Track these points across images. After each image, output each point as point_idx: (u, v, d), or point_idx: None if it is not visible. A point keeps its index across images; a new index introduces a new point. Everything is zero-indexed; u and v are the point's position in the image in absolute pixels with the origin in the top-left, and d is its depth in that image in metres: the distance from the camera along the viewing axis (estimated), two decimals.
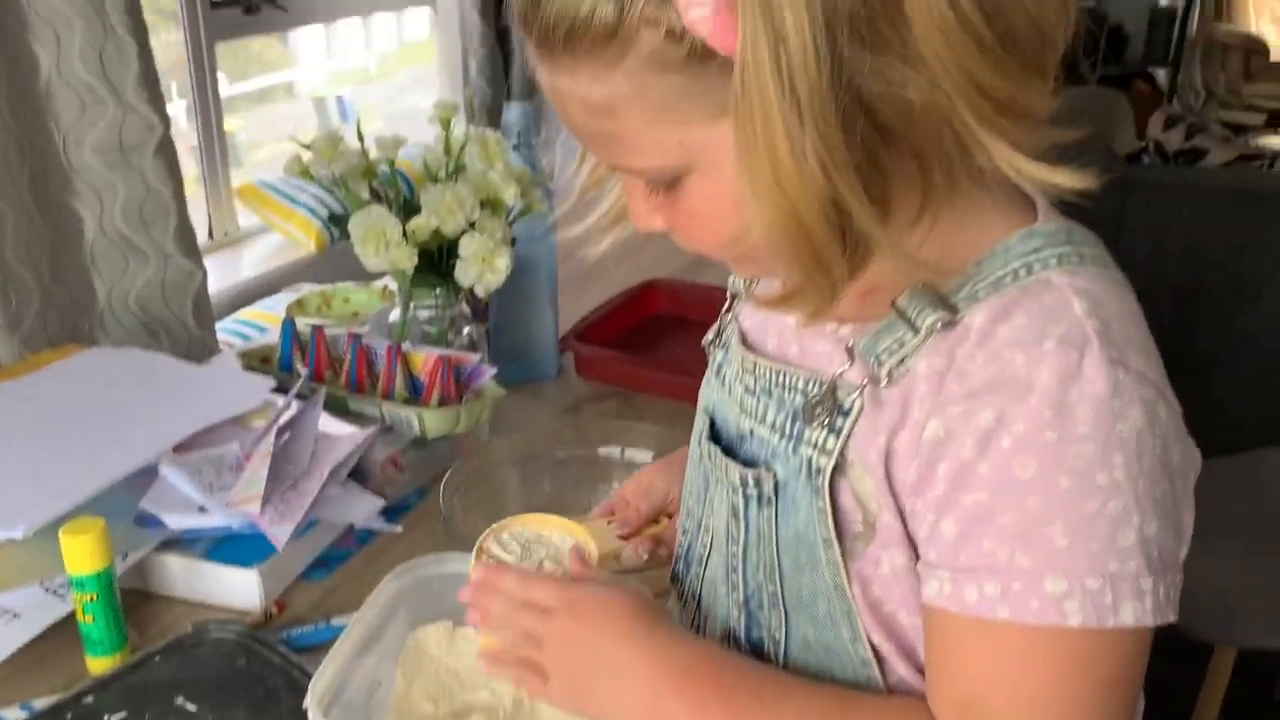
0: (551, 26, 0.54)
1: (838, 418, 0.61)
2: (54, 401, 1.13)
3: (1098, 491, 0.53)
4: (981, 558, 0.55)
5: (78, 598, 0.87)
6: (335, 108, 3.42)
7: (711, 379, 0.75)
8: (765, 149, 0.51)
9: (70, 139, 1.41)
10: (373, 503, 1.07)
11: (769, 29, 0.49)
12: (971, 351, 0.56)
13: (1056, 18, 0.53)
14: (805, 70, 0.49)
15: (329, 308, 1.54)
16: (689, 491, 0.76)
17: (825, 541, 0.61)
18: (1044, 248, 0.58)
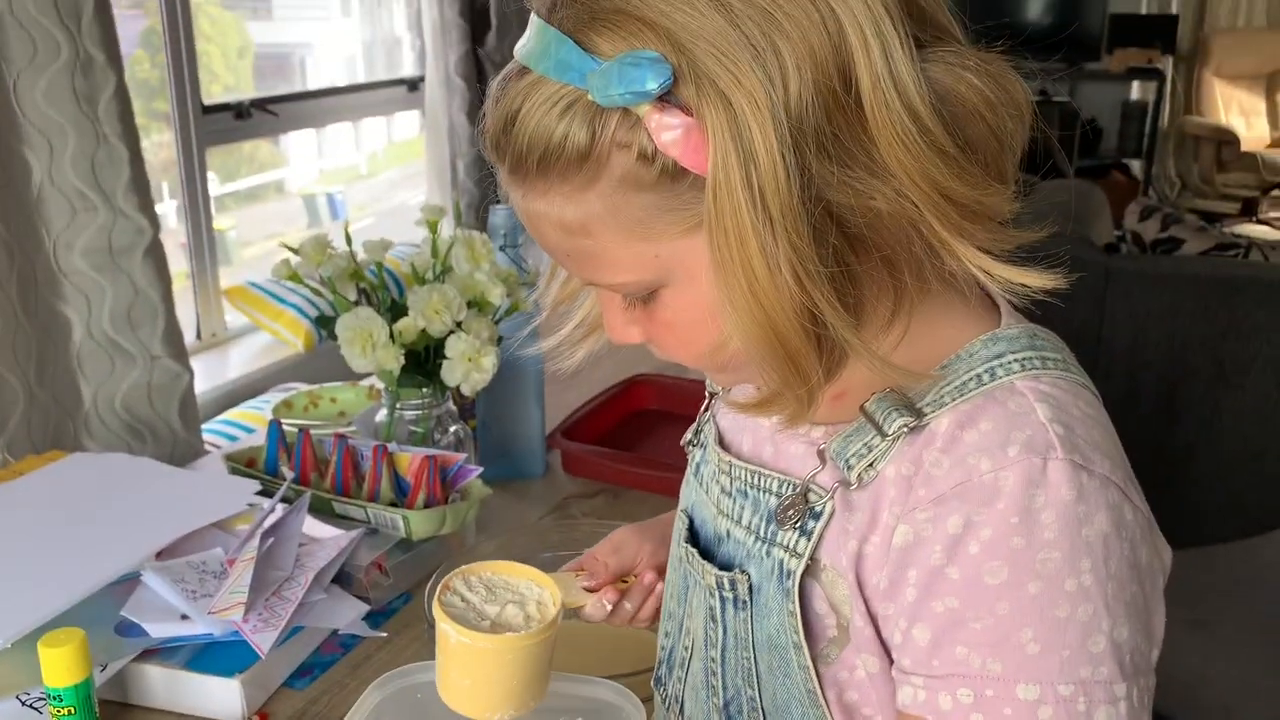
0: (524, 153, 0.55)
1: (809, 520, 0.61)
2: (36, 508, 1.12)
3: (1066, 598, 0.53)
4: (954, 664, 0.55)
5: (54, 711, 0.85)
6: (325, 205, 3.46)
7: (690, 479, 0.75)
8: (740, 264, 0.53)
9: (60, 243, 1.42)
10: (357, 607, 1.05)
11: (738, 149, 0.51)
12: (937, 457, 0.57)
13: (1013, 125, 0.55)
14: (775, 187, 0.51)
15: (315, 407, 1.54)
16: (670, 594, 0.76)
17: (795, 646, 0.62)
18: (1006, 353, 0.59)
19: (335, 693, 0.98)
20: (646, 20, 0.52)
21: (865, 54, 0.52)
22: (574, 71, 0.53)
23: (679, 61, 0.51)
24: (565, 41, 0.53)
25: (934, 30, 0.55)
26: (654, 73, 0.51)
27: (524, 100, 0.55)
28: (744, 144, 0.51)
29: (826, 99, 0.52)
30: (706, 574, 0.67)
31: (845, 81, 0.52)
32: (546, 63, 0.54)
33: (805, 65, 0.51)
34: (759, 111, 0.51)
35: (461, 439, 1.24)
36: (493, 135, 0.57)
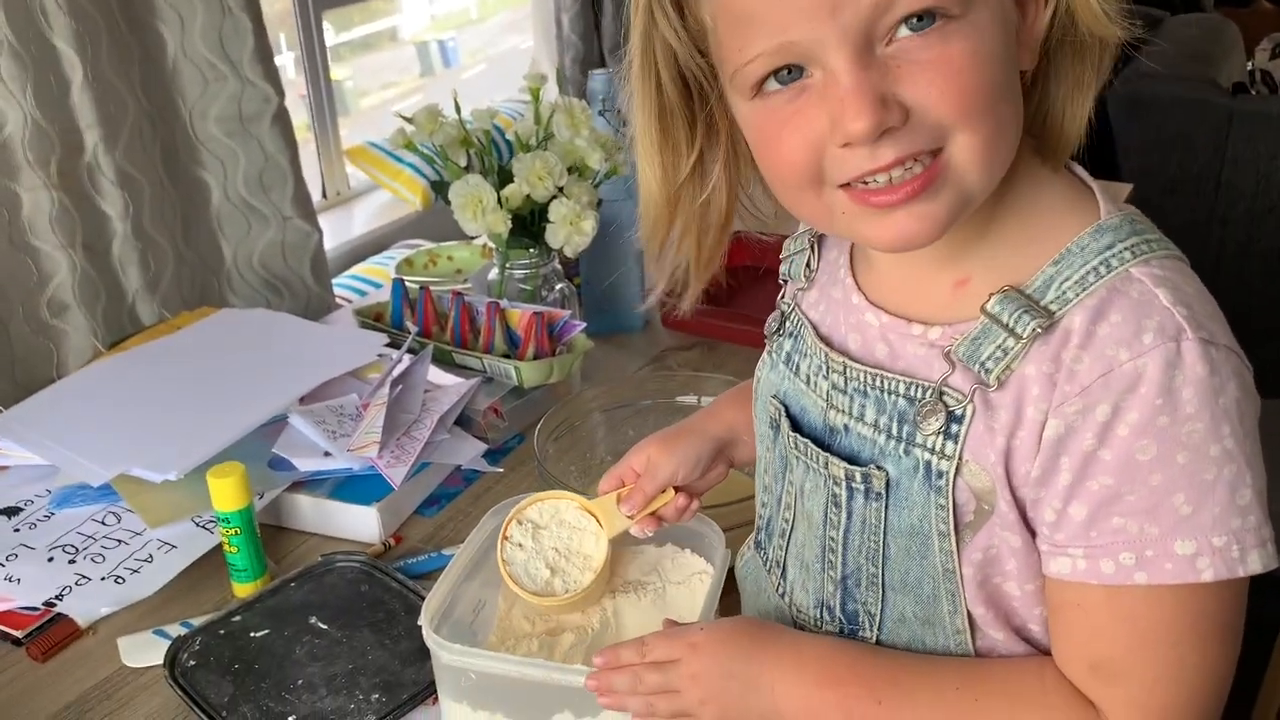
0: None
1: (951, 423, 0.63)
2: (193, 359, 1.26)
3: (1212, 462, 0.57)
4: (1113, 534, 0.59)
5: (223, 532, 0.99)
6: (438, 52, 3.50)
7: (779, 366, 0.76)
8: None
9: (195, 112, 1.53)
10: (477, 446, 1.17)
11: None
12: (1077, 353, 0.59)
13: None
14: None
15: (434, 265, 1.65)
16: (764, 469, 0.78)
17: (942, 534, 0.64)
18: (1115, 243, 0.61)
19: (459, 520, 1.11)
20: None
21: None
22: None
23: None
24: None
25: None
26: None
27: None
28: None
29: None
30: (832, 465, 0.68)
31: None
32: None
33: None
34: None
35: (566, 296, 1.33)
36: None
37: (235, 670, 0.91)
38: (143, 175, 1.44)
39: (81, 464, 1.08)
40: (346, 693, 0.89)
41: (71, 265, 1.37)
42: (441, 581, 0.79)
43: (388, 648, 0.93)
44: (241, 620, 0.96)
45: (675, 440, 0.84)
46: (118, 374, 1.24)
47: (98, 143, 1.37)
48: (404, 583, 0.99)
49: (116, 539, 1.06)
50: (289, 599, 0.98)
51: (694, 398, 1.13)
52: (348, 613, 0.97)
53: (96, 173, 1.38)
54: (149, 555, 1.04)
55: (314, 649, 0.93)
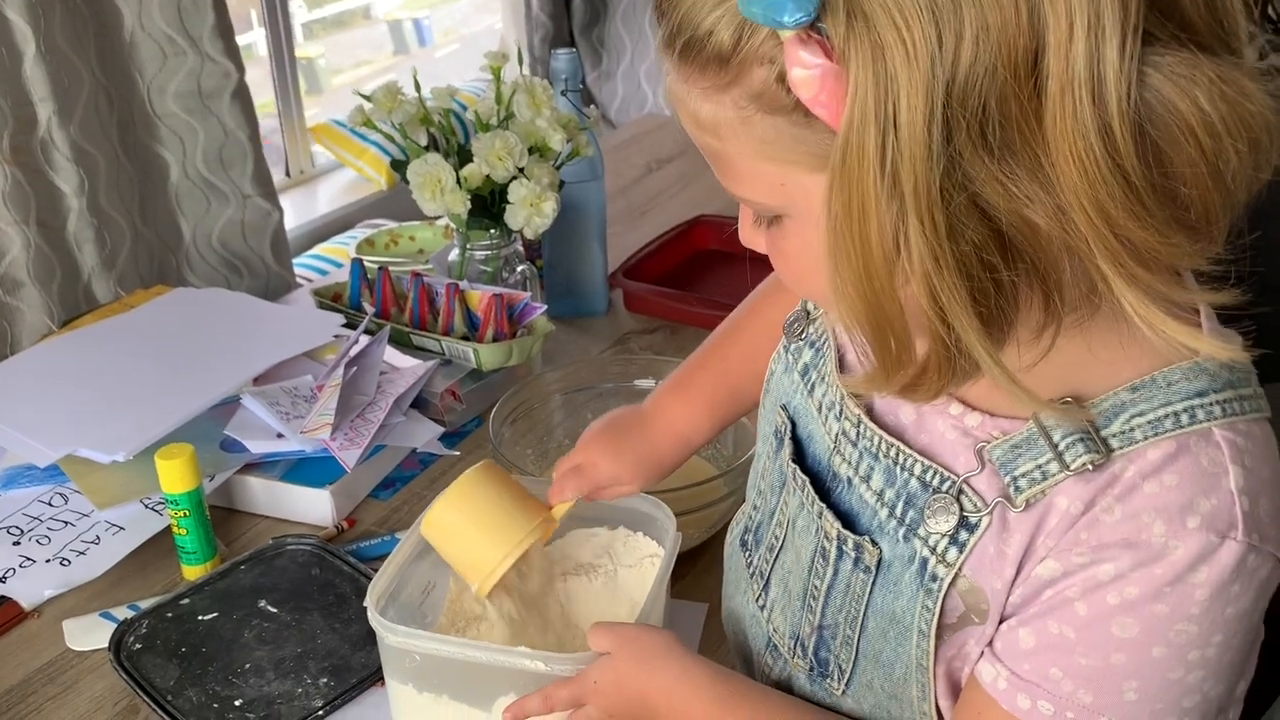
0: (675, 32, 0.51)
1: (962, 530, 0.57)
2: (147, 338, 1.24)
3: (1185, 665, 0.53)
4: (1044, 679, 0.55)
5: (172, 513, 0.98)
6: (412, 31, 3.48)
7: (794, 374, 0.71)
8: (857, 238, 0.47)
9: (153, 87, 1.50)
10: (433, 429, 1.16)
11: (880, 112, 0.44)
12: (1111, 504, 0.53)
13: (1240, 160, 0.46)
14: (913, 165, 0.45)
15: (396, 245, 1.63)
16: (761, 474, 0.75)
17: (922, 633, 0.59)
18: (1209, 391, 0.53)
19: (414, 503, 1.10)
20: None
21: (1065, 42, 0.43)
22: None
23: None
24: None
25: (1179, 27, 0.45)
26: (791, 5, 0.44)
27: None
28: (887, 107, 0.44)
29: (1002, 80, 0.44)
30: (827, 520, 0.63)
31: (1030, 67, 0.44)
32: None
33: (987, 35, 0.43)
34: (915, 74, 0.43)
35: (528, 278, 1.32)
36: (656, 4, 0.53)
37: (182, 654, 0.90)
38: (98, 151, 1.41)
39: (28, 444, 1.07)
40: (294, 676, 0.88)
41: (25, 242, 1.34)
42: (389, 563, 0.78)
43: (337, 631, 0.92)
44: (190, 603, 0.95)
45: (622, 442, 0.82)
46: (68, 353, 1.22)
47: (51, 116, 1.34)
48: (355, 566, 0.98)
49: (63, 520, 1.04)
50: (239, 582, 0.97)
51: (653, 381, 1.12)
52: (298, 596, 0.96)
53: (51, 148, 1.36)
54: (96, 537, 1.02)
55: (263, 632, 0.92)
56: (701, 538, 0.98)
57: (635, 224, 1.64)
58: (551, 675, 0.71)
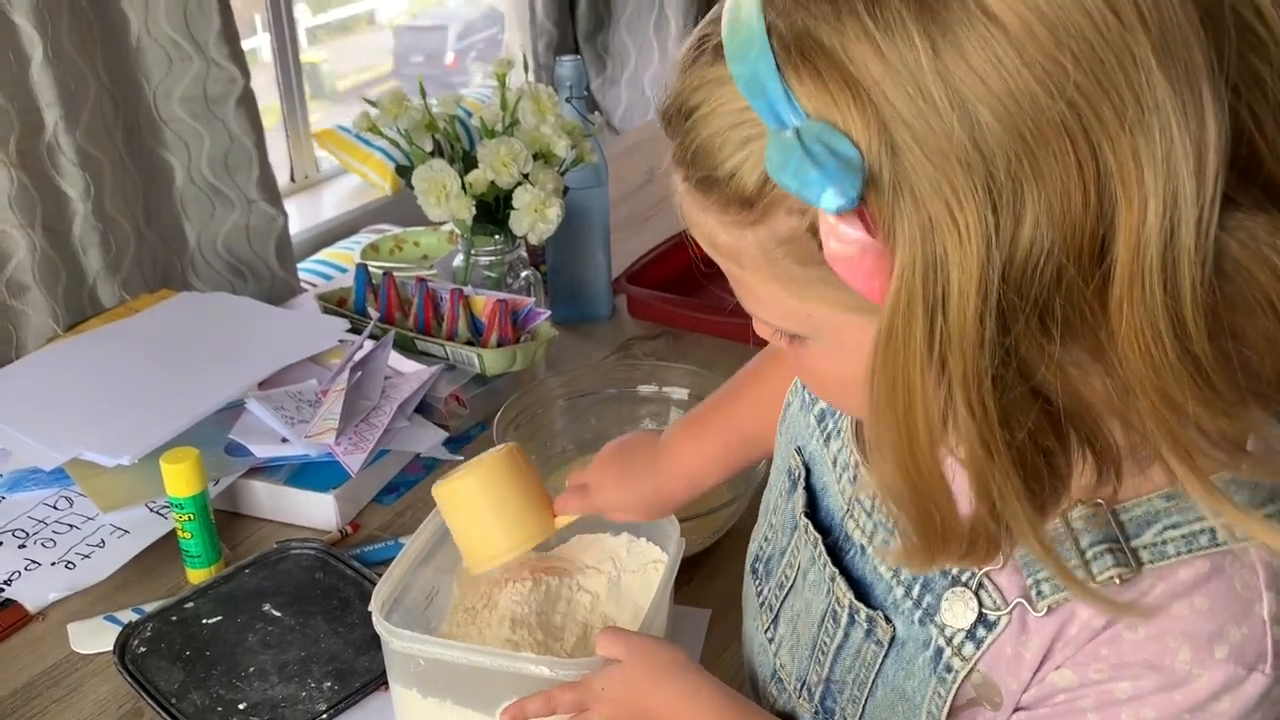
0: (691, 158, 0.46)
1: (980, 627, 0.54)
2: (152, 342, 1.25)
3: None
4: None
5: (177, 517, 0.98)
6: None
7: (810, 417, 0.68)
8: (903, 423, 0.44)
9: (159, 93, 1.51)
10: (437, 434, 1.16)
11: (928, 294, 0.41)
12: (1136, 622, 0.50)
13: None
14: (963, 350, 0.41)
15: (400, 251, 1.64)
16: (771, 504, 0.73)
17: (932, 715, 0.57)
18: (1250, 506, 0.49)
19: (418, 508, 1.10)
20: (859, 86, 0.40)
21: (1138, 227, 0.39)
22: (764, 103, 0.42)
23: (879, 160, 0.40)
24: (767, 58, 0.42)
25: (1261, 190, 0.42)
26: (837, 186, 0.40)
27: (707, 97, 0.46)
28: (936, 290, 0.40)
29: (1064, 265, 0.40)
30: (839, 587, 0.61)
31: (1097, 253, 0.40)
32: (742, 66, 0.43)
33: (1049, 218, 0.39)
34: (968, 257, 0.40)
35: (532, 283, 1.32)
36: (666, 110, 0.48)
37: (186, 657, 0.90)
38: (104, 155, 1.42)
39: (34, 447, 1.07)
40: (298, 680, 0.88)
41: (31, 246, 1.35)
42: (393, 568, 0.78)
43: (341, 635, 0.92)
44: (194, 607, 0.95)
45: (631, 473, 0.80)
46: (72, 357, 1.23)
47: (58, 121, 1.35)
48: (359, 570, 0.98)
49: (68, 524, 1.04)
50: (243, 586, 0.97)
51: (656, 387, 1.13)
52: (301, 600, 0.96)
53: (57, 152, 1.36)
54: (101, 540, 1.02)
55: (267, 636, 0.92)
56: (705, 543, 0.98)
57: (639, 230, 1.64)
58: (556, 680, 0.71)
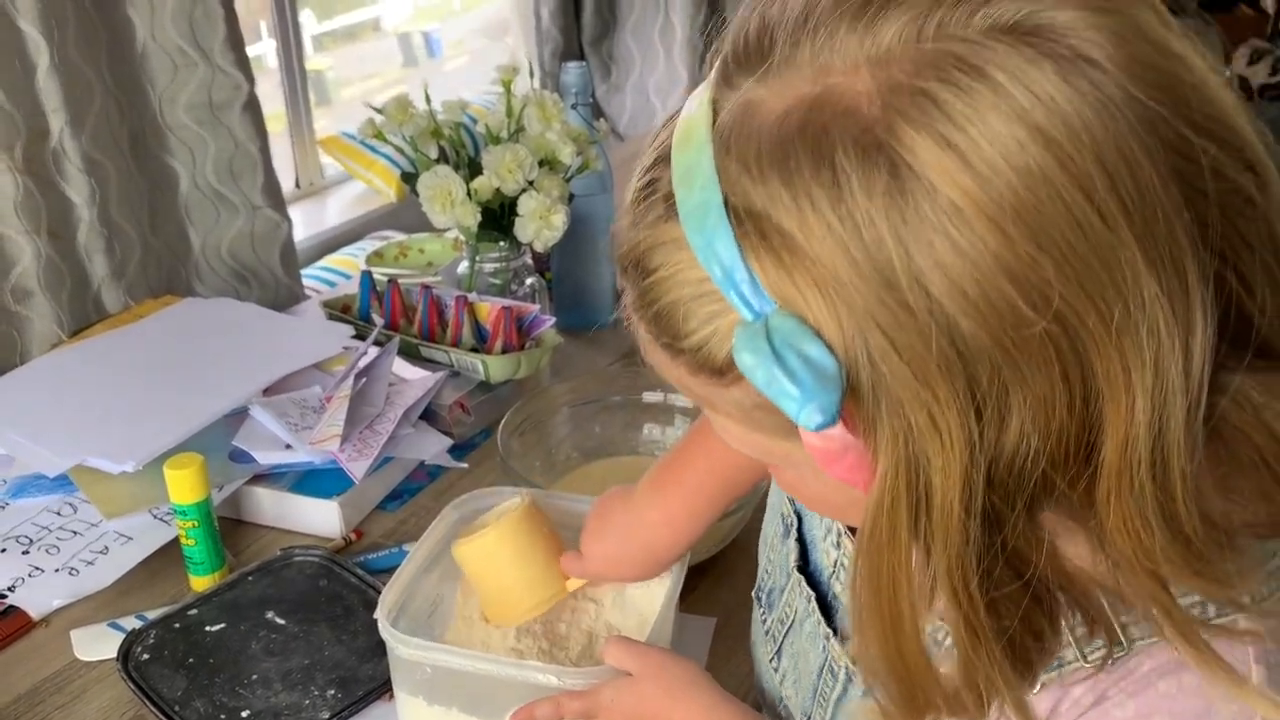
0: (652, 318, 0.45)
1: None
2: (156, 348, 1.25)
3: None
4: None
5: (181, 524, 0.98)
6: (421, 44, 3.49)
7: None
8: (887, 612, 0.44)
9: (164, 99, 1.51)
10: (441, 441, 1.16)
11: (911, 495, 0.40)
12: (1123, 699, 0.49)
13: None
14: (947, 546, 0.41)
15: (405, 257, 1.64)
16: (767, 540, 0.73)
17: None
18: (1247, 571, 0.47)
19: (421, 515, 1.10)
20: (828, 285, 0.39)
21: (1124, 428, 0.39)
22: (728, 282, 0.40)
23: (856, 367, 0.39)
24: (726, 233, 0.40)
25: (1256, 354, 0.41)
26: (816, 403, 0.39)
27: (664, 261, 0.43)
28: (918, 490, 0.40)
29: (1050, 467, 0.40)
30: (833, 646, 0.61)
31: (1084, 454, 0.40)
32: (699, 237, 0.41)
33: (1034, 425, 0.39)
34: (951, 463, 0.39)
35: (537, 290, 1.32)
36: (622, 260, 0.46)
37: (189, 664, 0.90)
38: (109, 161, 1.42)
39: (38, 453, 1.07)
40: (302, 688, 0.88)
41: (36, 252, 1.35)
42: (398, 576, 0.78)
43: (345, 643, 0.92)
44: (197, 614, 0.95)
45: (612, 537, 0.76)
46: (77, 362, 1.23)
47: (64, 127, 1.35)
48: (363, 578, 0.98)
49: (72, 530, 1.04)
50: (246, 593, 0.97)
51: (661, 394, 1.12)
52: (305, 607, 0.95)
53: (62, 158, 1.36)
54: (105, 547, 1.02)
55: (270, 644, 0.92)
56: (710, 551, 0.98)
57: None
58: (564, 689, 0.70)
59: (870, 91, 0.38)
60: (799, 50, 0.40)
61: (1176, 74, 0.39)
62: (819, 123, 0.39)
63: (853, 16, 0.40)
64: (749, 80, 0.41)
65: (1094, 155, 0.37)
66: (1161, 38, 0.39)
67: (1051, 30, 0.38)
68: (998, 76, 0.37)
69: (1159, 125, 0.38)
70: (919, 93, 0.37)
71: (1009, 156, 0.37)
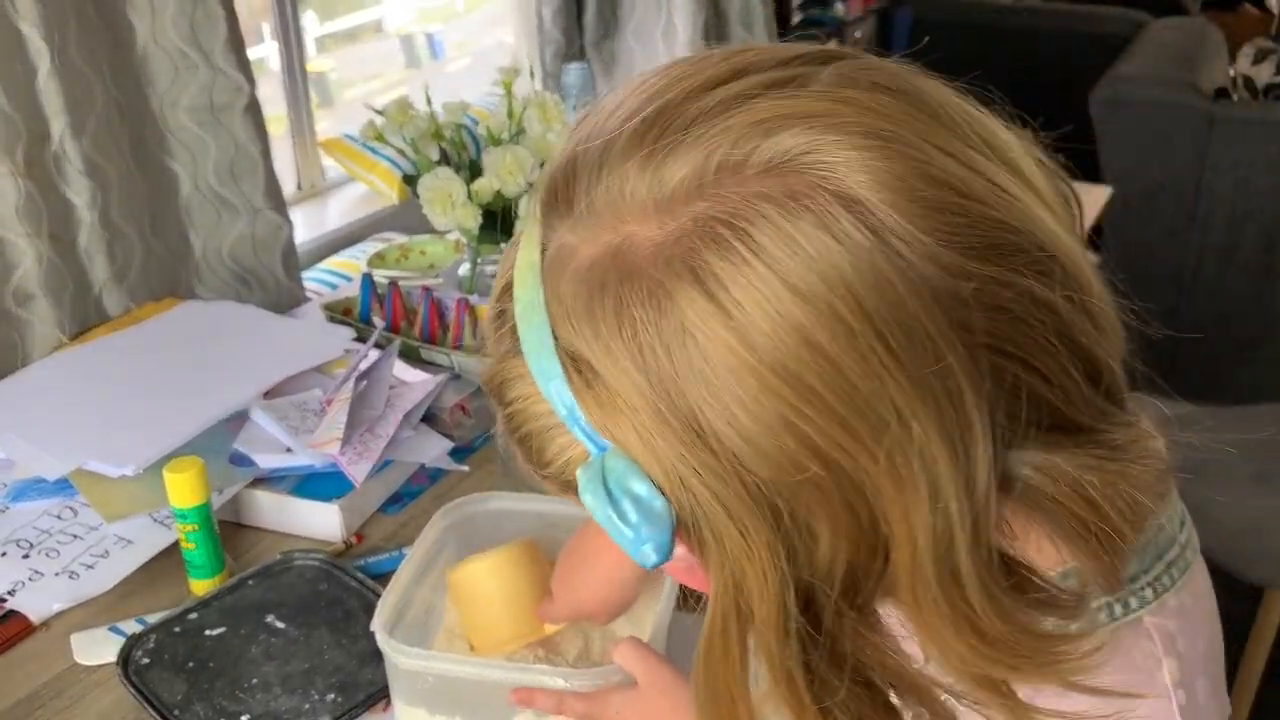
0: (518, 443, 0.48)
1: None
2: (157, 351, 1.24)
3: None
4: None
5: (181, 527, 0.98)
6: (424, 45, 3.49)
7: None
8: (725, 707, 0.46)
9: (165, 102, 1.51)
10: (442, 444, 1.16)
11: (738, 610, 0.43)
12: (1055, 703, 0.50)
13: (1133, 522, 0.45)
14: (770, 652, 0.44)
15: (406, 259, 1.63)
16: None
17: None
18: (1139, 574, 0.51)
19: (422, 519, 1.09)
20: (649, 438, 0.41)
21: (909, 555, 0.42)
22: (568, 415, 0.43)
23: (679, 502, 0.42)
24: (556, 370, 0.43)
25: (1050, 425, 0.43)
26: (652, 543, 0.42)
27: (519, 395, 0.46)
28: (740, 607, 0.43)
29: (857, 578, 0.43)
30: None
31: (882, 561, 0.43)
32: (541, 378, 0.44)
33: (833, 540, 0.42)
34: (766, 585, 0.42)
35: None
36: (485, 384, 0.49)
37: (189, 669, 0.90)
38: (110, 164, 1.42)
39: (38, 456, 1.07)
40: (302, 692, 0.87)
41: (37, 255, 1.34)
42: (393, 586, 0.78)
43: (345, 647, 0.91)
44: (198, 618, 0.95)
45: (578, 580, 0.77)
46: (78, 366, 1.22)
47: (64, 131, 1.34)
48: (363, 582, 0.97)
49: (72, 534, 1.04)
50: (246, 597, 0.97)
51: None
52: (305, 611, 0.95)
53: (63, 161, 1.36)
54: (105, 551, 1.02)
55: (270, 648, 0.92)
56: None
57: None
58: (571, 690, 0.70)
59: (659, 243, 0.41)
60: (597, 195, 0.43)
61: (952, 199, 0.40)
62: (617, 275, 0.41)
63: (644, 159, 0.42)
64: (563, 224, 0.44)
65: (853, 305, 0.38)
66: (940, 164, 0.40)
67: (821, 172, 0.39)
68: (759, 237, 0.39)
69: (929, 259, 0.39)
70: (692, 253, 0.39)
71: (767, 317, 0.39)
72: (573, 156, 0.45)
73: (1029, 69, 2.68)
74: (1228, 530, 1.59)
